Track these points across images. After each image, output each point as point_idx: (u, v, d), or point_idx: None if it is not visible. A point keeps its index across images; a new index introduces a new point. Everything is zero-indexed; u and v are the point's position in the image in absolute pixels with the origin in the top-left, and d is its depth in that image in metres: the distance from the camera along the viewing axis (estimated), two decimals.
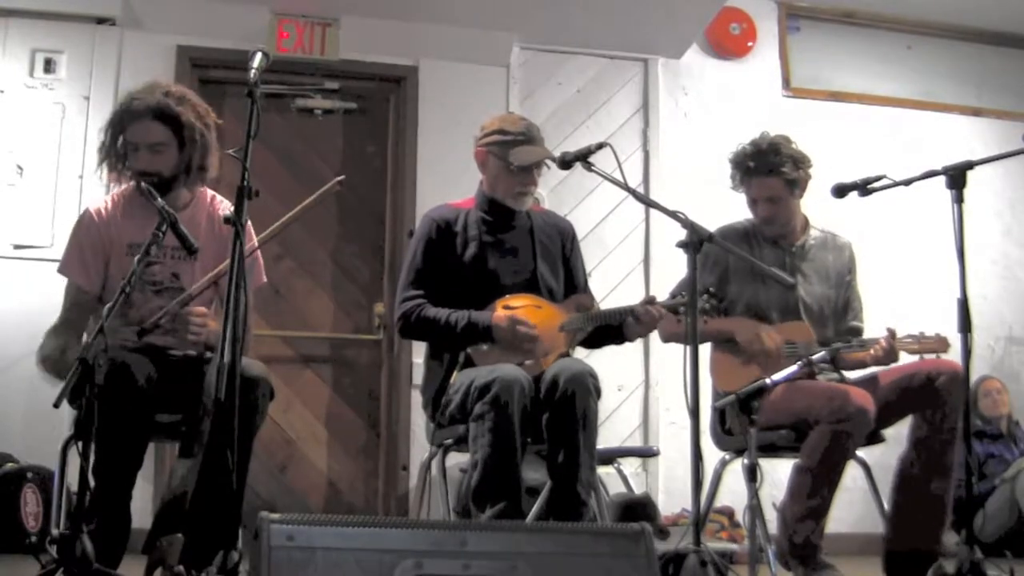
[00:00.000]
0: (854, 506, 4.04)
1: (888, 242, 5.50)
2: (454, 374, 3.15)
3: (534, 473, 3.42)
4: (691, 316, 2.74)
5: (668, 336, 3.54)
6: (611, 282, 5.26)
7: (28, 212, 4.66)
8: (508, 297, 3.22)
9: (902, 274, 5.51)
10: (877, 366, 3.30)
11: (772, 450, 3.34)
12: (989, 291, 5.81)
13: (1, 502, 3.97)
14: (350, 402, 5.08)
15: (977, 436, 5.14)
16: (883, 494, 3.30)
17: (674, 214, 2.83)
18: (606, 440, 4.26)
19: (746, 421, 2.71)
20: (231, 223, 2.31)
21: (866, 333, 3.51)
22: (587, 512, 2.96)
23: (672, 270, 4.24)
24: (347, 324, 5.11)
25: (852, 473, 3.22)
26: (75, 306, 3.01)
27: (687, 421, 2.67)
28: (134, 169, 2.97)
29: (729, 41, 5.79)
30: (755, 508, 2.66)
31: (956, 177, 2.75)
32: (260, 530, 1.98)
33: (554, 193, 5.28)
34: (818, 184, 3.50)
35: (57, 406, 2.28)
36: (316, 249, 5.13)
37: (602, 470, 3.61)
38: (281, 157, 5.11)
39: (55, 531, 2.95)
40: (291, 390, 4.92)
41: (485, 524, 2.67)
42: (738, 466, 3.07)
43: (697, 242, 2.76)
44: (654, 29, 5.32)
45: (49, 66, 4.81)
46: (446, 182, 4.67)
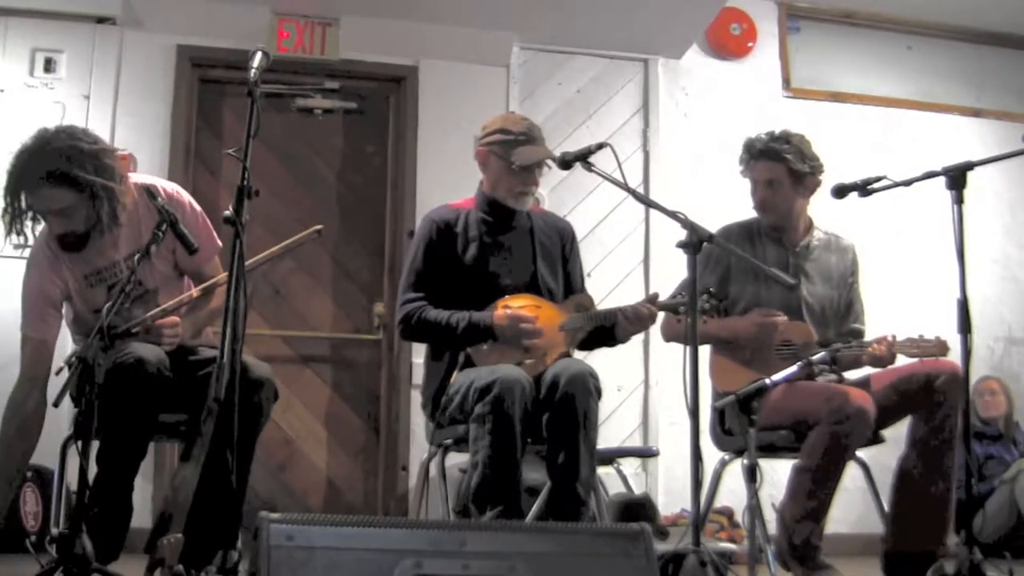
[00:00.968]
0: (854, 507, 4.04)
1: (888, 243, 5.50)
2: (454, 374, 3.15)
3: (534, 473, 3.42)
4: (691, 316, 2.74)
5: (670, 336, 3.55)
6: (611, 282, 5.26)
7: None
8: (508, 298, 3.22)
9: (902, 275, 5.51)
10: (875, 367, 3.30)
11: (772, 450, 3.34)
12: (989, 292, 5.81)
13: None
14: (350, 402, 5.08)
15: (976, 437, 5.13)
16: (883, 494, 3.30)
17: (674, 214, 2.83)
18: (606, 440, 4.25)
19: (746, 421, 2.71)
20: (231, 223, 2.31)
21: (867, 335, 3.51)
22: (587, 512, 2.96)
23: (672, 270, 4.24)
24: (347, 324, 5.11)
25: (851, 473, 3.22)
26: (37, 362, 2.92)
27: (687, 421, 2.68)
28: (52, 233, 2.89)
29: (729, 41, 5.79)
30: (754, 508, 2.66)
31: (956, 178, 2.75)
32: (259, 530, 1.98)
33: (554, 193, 5.28)
34: None
35: (57, 405, 2.29)
36: (316, 249, 5.12)
37: (602, 470, 3.61)
38: (281, 157, 5.11)
39: (55, 530, 2.94)
40: (291, 390, 4.92)
41: (484, 524, 2.67)
42: (738, 466, 3.07)
43: (697, 242, 2.76)
44: (654, 29, 5.32)
45: (49, 65, 4.81)
46: (446, 182, 4.66)
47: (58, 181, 2.73)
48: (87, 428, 2.34)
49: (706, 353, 3.44)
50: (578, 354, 3.38)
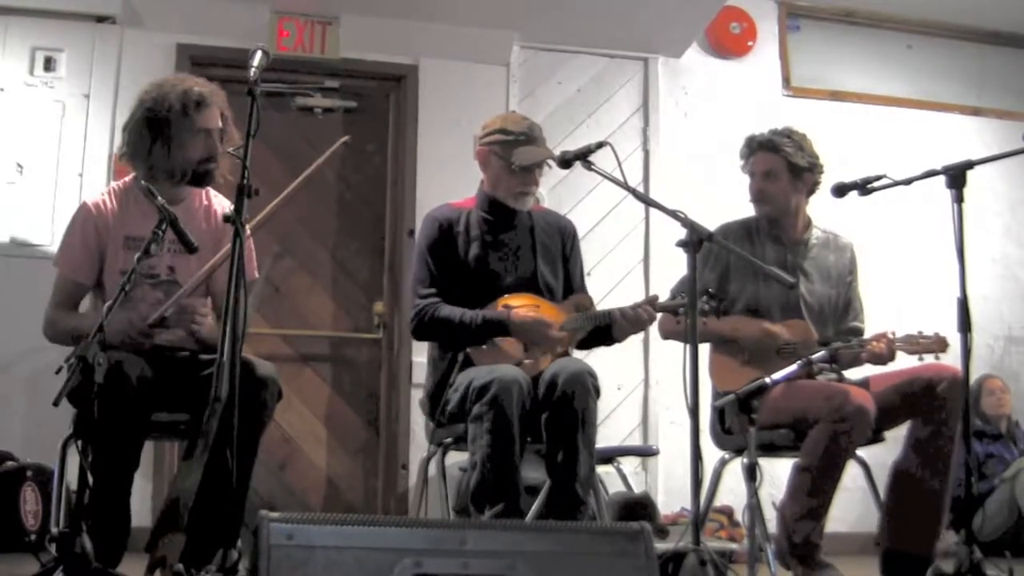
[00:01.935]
0: (854, 506, 4.04)
1: (888, 242, 5.49)
2: (454, 373, 3.15)
3: (533, 472, 3.42)
4: (691, 316, 2.74)
5: (667, 334, 3.55)
6: (611, 281, 5.26)
7: (28, 210, 4.66)
8: (507, 297, 3.23)
9: (902, 274, 5.51)
10: (875, 365, 3.30)
11: (771, 449, 3.34)
12: (989, 291, 5.81)
13: (1, 500, 3.97)
14: (349, 401, 5.08)
15: (977, 436, 5.14)
16: (883, 494, 3.30)
17: (674, 213, 2.83)
18: (605, 439, 4.26)
19: (745, 420, 2.70)
20: (231, 221, 2.31)
21: (867, 334, 3.51)
22: (586, 511, 2.96)
23: (672, 269, 4.22)
24: (347, 323, 5.11)
25: (852, 473, 3.22)
26: (67, 297, 3.02)
27: (687, 420, 2.68)
28: (191, 158, 2.96)
29: (729, 40, 5.79)
30: (754, 507, 2.65)
31: (956, 177, 2.76)
32: (259, 529, 1.98)
33: (554, 192, 5.27)
34: None
35: (56, 404, 2.28)
36: (316, 247, 5.13)
37: (601, 469, 3.62)
38: (281, 155, 5.10)
39: (55, 529, 2.94)
40: (290, 389, 4.91)
41: (484, 523, 2.68)
42: (737, 465, 3.07)
43: (697, 241, 2.76)
44: (654, 28, 5.32)
45: (49, 64, 4.80)
46: (446, 181, 4.66)
47: (214, 103, 2.97)
48: (87, 427, 2.34)
49: (706, 353, 3.44)
50: (577, 353, 3.38)
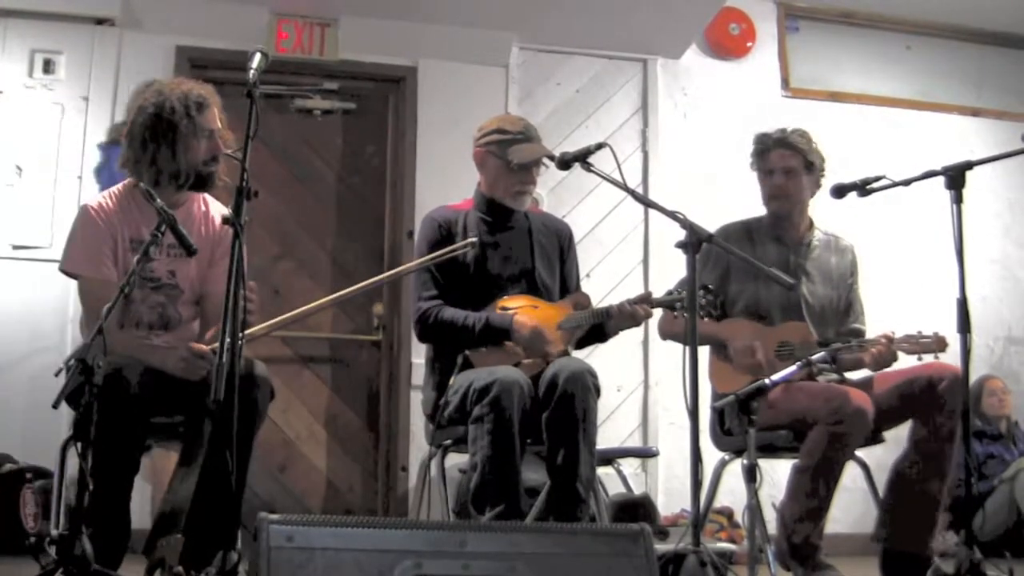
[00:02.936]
0: (853, 507, 4.04)
1: (887, 243, 5.49)
2: (453, 375, 3.15)
3: (533, 474, 3.42)
4: (690, 318, 2.74)
5: (666, 334, 3.56)
6: (610, 282, 5.26)
7: (27, 212, 4.65)
8: (505, 298, 3.23)
9: (901, 275, 5.51)
10: (875, 368, 3.30)
11: (771, 450, 3.34)
12: (988, 291, 5.81)
13: (1, 503, 3.97)
14: (349, 402, 5.08)
15: (977, 436, 5.14)
16: (882, 494, 3.30)
17: (673, 214, 2.83)
18: (605, 440, 4.25)
19: (745, 421, 2.70)
20: (230, 223, 2.31)
21: (867, 335, 3.51)
22: (586, 510, 2.96)
23: (671, 270, 4.24)
24: (346, 325, 5.11)
25: (851, 474, 3.22)
26: (100, 301, 2.66)
27: (686, 421, 2.67)
28: (197, 159, 2.93)
29: (728, 41, 5.79)
30: (754, 508, 2.65)
31: (955, 177, 2.75)
32: (259, 531, 1.98)
33: (553, 194, 5.28)
34: None
35: (56, 407, 2.28)
36: (315, 249, 5.12)
37: (601, 470, 3.61)
38: (280, 157, 5.11)
39: (54, 532, 2.94)
40: (290, 390, 4.92)
41: (484, 524, 2.67)
42: (737, 466, 3.07)
43: (696, 242, 2.76)
44: (653, 29, 5.32)
45: (48, 66, 4.80)
46: (445, 182, 4.66)
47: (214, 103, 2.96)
48: (86, 430, 2.33)
49: (705, 354, 3.43)
50: (577, 353, 3.38)
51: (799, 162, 3.48)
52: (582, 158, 3.02)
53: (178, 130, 2.90)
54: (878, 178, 3.02)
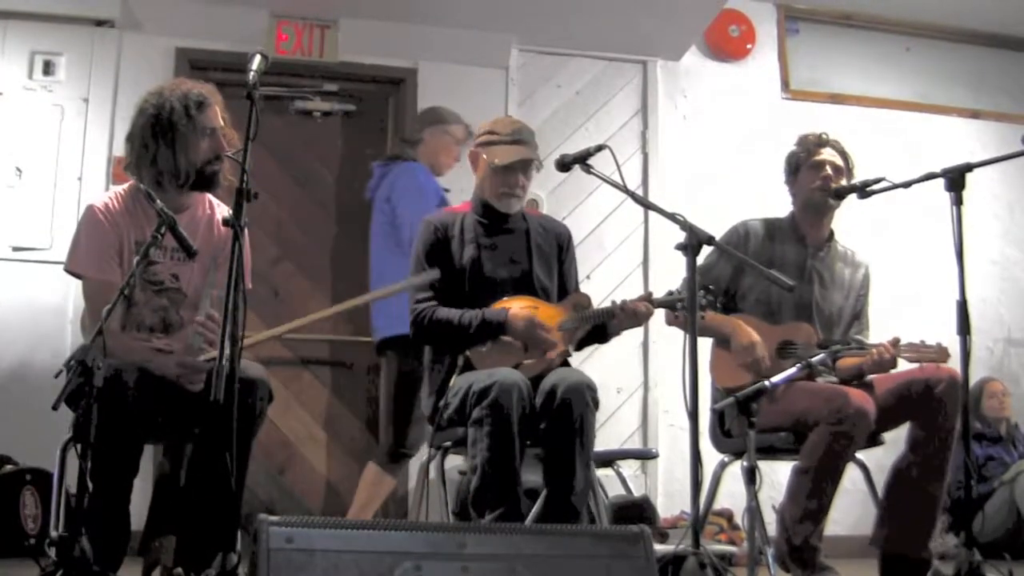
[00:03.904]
0: (853, 508, 4.04)
1: (887, 244, 5.49)
2: (453, 377, 3.15)
3: (533, 476, 3.42)
4: (691, 319, 2.74)
5: (671, 321, 3.54)
6: (610, 284, 5.26)
7: (27, 214, 4.65)
8: (505, 299, 3.23)
9: (901, 276, 5.51)
10: (875, 373, 3.29)
11: (771, 452, 3.34)
12: (988, 293, 5.82)
13: (1, 504, 3.97)
14: (349, 404, 5.07)
15: (976, 439, 5.14)
16: (881, 496, 3.30)
17: (673, 216, 2.83)
18: (605, 442, 4.26)
19: (745, 423, 2.71)
20: (230, 225, 2.31)
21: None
22: (581, 522, 2.96)
23: (671, 272, 4.24)
24: (346, 326, 5.10)
25: (851, 475, 3.22)
26: (103, 303, 2.64)
27: (686, 423, 2.68)
28: (198, 159, 2.92)
29: (728, 43, 5.79)
30: (754, 510, 2.65)
31: (955, 179, 2.76)
32: (259, 532, 1.98)
33: (553, 195, 5.28)
34: None
35: (55, 408, 2.28)
36: (315, 251, 5.12)
37: (601, 472, 3.61)
38: (280, 159, 5.10)
39: (54, 533, 2.93)
40: (289, 392, 4.92)
41: (484, 526, 2.67)
42: (737, 468, 3.07)
43: (696, 244, 2.76)
44: (653, 31, 5.32)
45: (48, 68, 4.80)
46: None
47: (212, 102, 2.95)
48: (86, 431, 2.33)
49: (707, 349, 3.43)
50: (577, 353, 3.38)
51: (844, 166, 3.51)
52: (582, 160, 3.03)
53: (177, 129, 2.89)
54: (878, 180, 3.03)
